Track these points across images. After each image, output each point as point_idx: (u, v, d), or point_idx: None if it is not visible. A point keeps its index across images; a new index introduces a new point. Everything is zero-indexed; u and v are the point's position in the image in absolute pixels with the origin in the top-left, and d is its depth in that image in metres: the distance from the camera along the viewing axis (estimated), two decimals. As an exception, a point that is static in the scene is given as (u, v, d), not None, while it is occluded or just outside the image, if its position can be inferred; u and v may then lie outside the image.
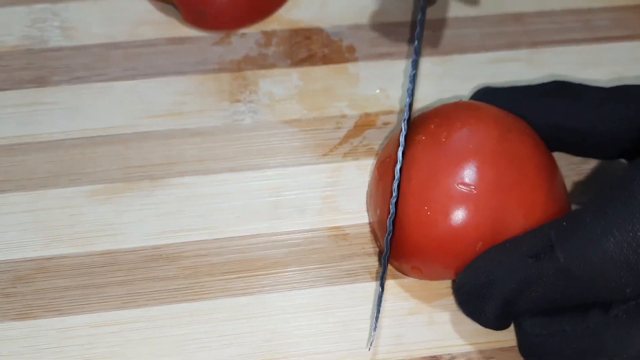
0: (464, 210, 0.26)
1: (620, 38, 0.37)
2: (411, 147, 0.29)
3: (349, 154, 0.34)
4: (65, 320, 0.29)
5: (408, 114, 0.30)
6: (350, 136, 0.34)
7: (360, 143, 0.34)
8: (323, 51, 0.37)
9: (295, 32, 0.38)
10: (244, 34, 0.38)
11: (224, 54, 0.37)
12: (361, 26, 0.38)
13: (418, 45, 0.33)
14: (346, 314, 0.29)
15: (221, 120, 0.35)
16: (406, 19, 0.38)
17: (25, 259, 0.31)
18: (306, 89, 0.36)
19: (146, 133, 0.34)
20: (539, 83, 0.31)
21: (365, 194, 0.32)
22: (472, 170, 0.27)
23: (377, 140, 0.34)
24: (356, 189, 0.33)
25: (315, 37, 0.37)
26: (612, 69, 0.36)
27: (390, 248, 0.28)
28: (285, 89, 0.36)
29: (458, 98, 0.35)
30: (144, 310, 0.29)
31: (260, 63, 0.37)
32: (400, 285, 0.30)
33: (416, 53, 0.32)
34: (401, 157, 0.28)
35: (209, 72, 0.36)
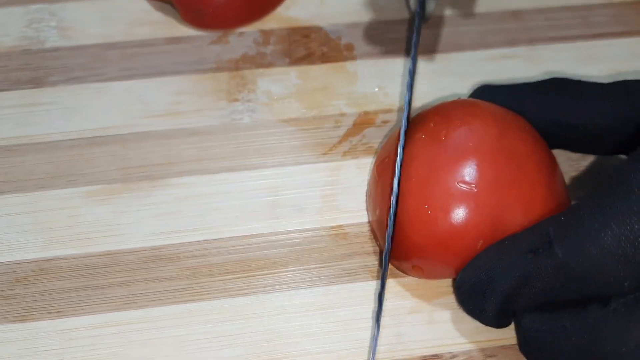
0: (464, 209, 0.26)
1: (618, 34, 0.37)
2: (411, 146, 0.29)
3: (348, 152, 0.34)
4: (65, 322, 0.29)
5: (407, 109, 0.30)
6: (349, 135, 0.34)
7: (360, 141, 0.34)
8: (321, 49, 0.37)
9: (294, 31, 0.38)
10: (242, 32, 0.38)
11: (221, 53, 0.37)
12: (359, 24, 0.38)
13: (416, 40, 0.32)
14: (346, 313, 0.29)
15: (219, 119, 0.35)
16: (404, 17, 0.38)
17: (24, 261, 0.30)
18: (305, 87, 0.36)
19: (144, 133, 0.34)
20: (538, 80, 0.31)
21: (365, 192, 0.32)
22: (472, 168, 0.27)
23: (377, 138, 0.34)
24: (355, 187, 0.33)
25: (313, 36, 0.37)
26: (610, 65, 0.36)
27: (390, 249, 0.28)
28: (283, 88, 0.36)
29: (457, 96, 0.35)
30: (144, 311, 0.29)
31: (258, 62, 0.36)
32: (400, 284, 0.30)
33: (414, 47, 0.32)
34: (401, 151, 0.28)
35: (206, 72, 0.36)
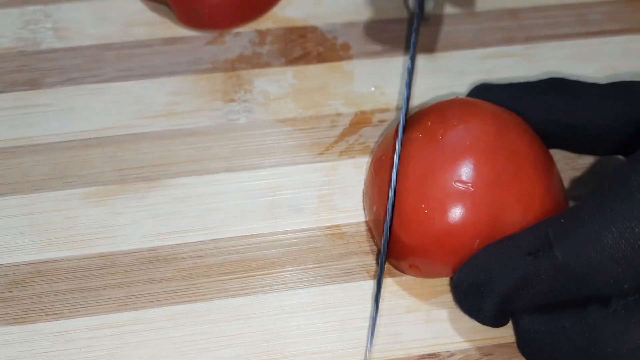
0: (461, 208, 0.26)
1: (614, 32, 0.37)
2: (408, 145, 0.29)
3: (345, 152, 0.34)
4: (62, 323, 0.29)
5: (406, 105, 0.30)
6: (346, 134, 0.34)
7: (356, 141, 0.34)
8: (318, 49, 0.37)
9: (290, 31, 0.38)
10: (238, 33, 0.37)
11: (217, 54, 0.37)
12: (355, 24, 0.38)
13: (415, 41, 0.33)
14: (344, 313, 0.29)
15: (216, 120, 0.35)
16: (401, 16, 0.38)
17: (21, 263, 0.30)
18: (301, 87, 0.36)
19: (141, 134, 0.34)
20: (536, 80, 0.31)
21: (362, 192, 0.32)
22: (469, 167, 0.27)
23: (373, 138, 0.34)
24: (352, 187, 0.33)
25: (309, 36, 0.37)
26: (607, 63, 0.36)
27: (387, 248, 0.28)
28: (280, 88, 0.36)
29: (454, 94, 0.35)
30: (141, 313, 0.29)
31: (254, 62, 0.36)
32: (397, 283, 0.30)
33: (413, 47, 0.32)
34: (399, 147, 0.28)
35: (203, 72, 0.36)
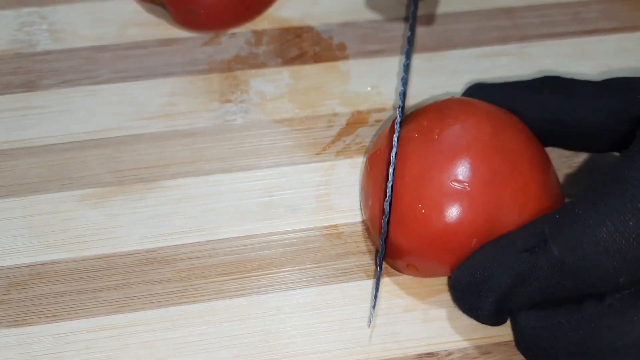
0: (458, 207, 0.26)
1: (609, 30, 0.37)
2: (404, 144, 0.29)
3: (341, 152, 0.34)
4: (61, 325, 0.29)
5: (402, 102, 0.30)
6: (342, 134, 0.34)
7: (353, 141, 0.34)
8: (314, 49, 0.37)
9: (286, 31, 0.38)
10: (234, 33, 0.37)
11: (214, 54, 0.37)
12: (351, 24, 0.38)
13: (411, 36, 0.33)
14: (342, 313, 0.29)
15: (212, 120, 0.35)
16: (396, 16, 0.38)
17: (18, 265, 0.30)
18: (297, 87, 0.36)
19: (137, 135, 0.34)
20: (530, 79, 0.31)
21: (359, 191, 0.32)
22: (466, 166, 0.27)
23: (370, 137, 0.34)
24: (349, 187, 0.33)
25: (305, 36, 0.37)
26: (602, 61, 0.36)
27: (385, 247, 0.28)
28: (276, 88, 0.36)
29: (449, 93, 0.35)
30: (139, 314, 0.29)
31: (250, 62, 0.36)
32: (395, 282, 0.30)
33: (409, 43, 0.33)
34: (396, 143, 0.28)
35: (199, 73, 0.36)
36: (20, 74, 0.36)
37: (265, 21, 0.38)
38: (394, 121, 0.30)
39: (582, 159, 0.33)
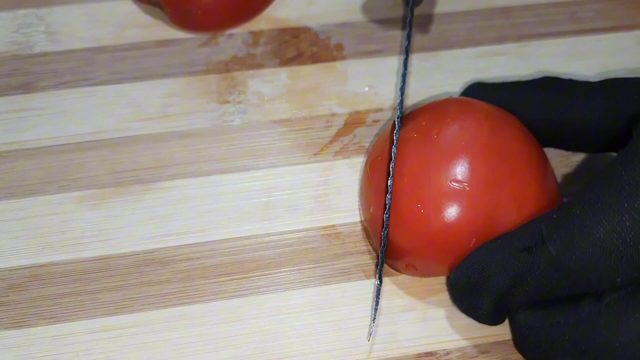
0: (457, 207, 0.26)
1: (606, 29, 0.38)
2: (403, 144, 0.29)
3: (339, 152, 0.34)
4: (60, 327, 0.29)
5: (401, 98, 0.30)
6: (340, 134, 0.34)
7: (351, 141, 0.34)
8: (311, 50, 0.37)
9: (283, 31, 0.38)
10: (232, 34, 0.37)
11: (211, 55, 0.37)
12: (349, 24, 0.38)
13: (408, 45, 0.33)
14: (341, 313, 0.29)
15: (210, 121, 0.35)
16: (393, 16, 0.38)
17: (17, 267, 0.30)
18: (295, 88, 0.36)
19: (135, 137, 0.34)
20: (528, 78, 0.31)
21: (357, 192, 0.32)
22: (464, 166, 0.27)
23: (368, 137, 0.34)
24: (348, 187, 0.33)
25: (303, 36, 0.37)
26: (599, 60, 0.36)
27: (384, 262, 0.28)
28: (274, 89, 0.36)
29: (447, 93, 0.35)
30: (138, 315, 0.29)
31: (248, 63, 0.36)
32: (394, 282, 0.30)
33: (406, 51, 0.33)
34: (395, 139, 0.28)
35: (197, 74, 0.36)
36: (18, 76, 0.36)
37: (262, 22, 0.38)
38: (393, 124, 0.30)
39: (580, 158, 0.33)
